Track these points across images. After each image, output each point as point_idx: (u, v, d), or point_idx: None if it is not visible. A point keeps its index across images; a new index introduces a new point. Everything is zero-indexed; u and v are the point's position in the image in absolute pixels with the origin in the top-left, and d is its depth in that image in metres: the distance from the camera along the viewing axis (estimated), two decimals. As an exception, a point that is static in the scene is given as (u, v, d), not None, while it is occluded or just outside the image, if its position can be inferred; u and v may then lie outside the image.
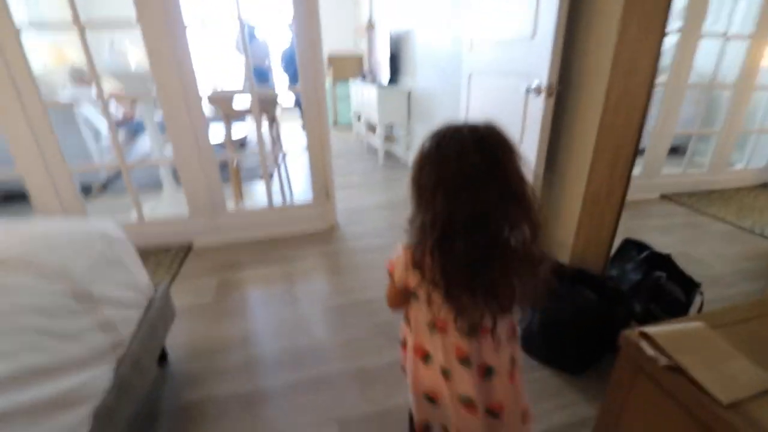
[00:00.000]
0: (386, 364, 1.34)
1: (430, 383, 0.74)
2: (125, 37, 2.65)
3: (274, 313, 1.63)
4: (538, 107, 1.51)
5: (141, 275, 1.20)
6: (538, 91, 1.48)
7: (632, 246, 1.62)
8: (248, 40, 5.15)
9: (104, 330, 0.91)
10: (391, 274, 0.73)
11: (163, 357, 1.38)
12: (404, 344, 0.80)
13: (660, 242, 1.62)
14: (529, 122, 1.58)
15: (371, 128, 4.38)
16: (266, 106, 2.43)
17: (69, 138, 2.99)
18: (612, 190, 1.35)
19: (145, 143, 3.49)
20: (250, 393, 1.25)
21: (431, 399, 0.75)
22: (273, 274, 1.93)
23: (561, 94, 1.50)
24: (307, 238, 2.31)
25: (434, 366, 0.72)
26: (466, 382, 0.70)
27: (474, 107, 2.08)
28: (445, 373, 0.71)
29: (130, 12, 1.77)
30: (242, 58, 1.98)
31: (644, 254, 1.54)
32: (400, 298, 0.75)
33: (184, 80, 1.92)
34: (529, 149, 1.60)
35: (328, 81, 5.80)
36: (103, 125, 3.38)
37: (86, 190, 3.16)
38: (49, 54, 4.17)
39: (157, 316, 1.21)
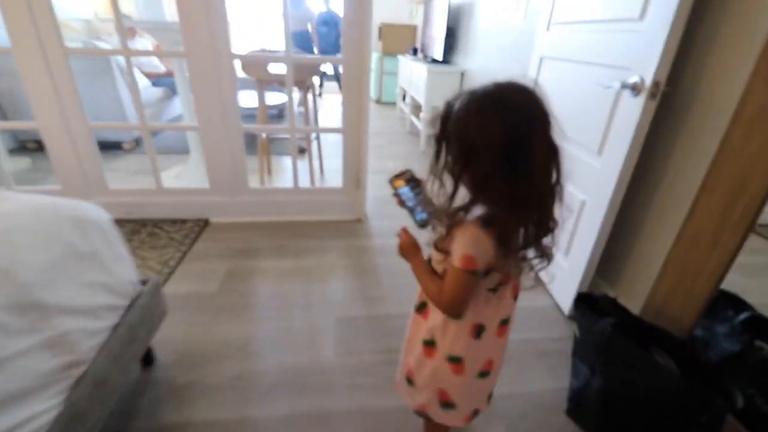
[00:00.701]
0: (395, 409, 1.12)
1: (486, 355, 0.77)
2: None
3: (280, 318, 1.44)
4: (632, 110, 1.16)
5: (123, 270, 1.02)
6: (636, 89, 1.14)
7: (726, 301, 1.27)
8: (294, 3, 4.95)
9: (54, 348, 0.74)
10: (472, 271, 0.63)
11: (149, 359, 1.23)
12: (431, 344, 0.76)
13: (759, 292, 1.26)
14: (617, 127, 1.24)
15: (416, 109, 4.05)
16: (304, 75, 2.18)
17: (105, 90, 2.92)
18: (721, 237, 1.01)
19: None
20: (237, 422, 1.07)
21: (485, 373, 0.78)
22: (287, 268, 1.74)
23: (667, 98, 1.15)
24: (332, 227, 2.10)
25: (489, 334, 0.74)
26: (506, 337, 0.80)
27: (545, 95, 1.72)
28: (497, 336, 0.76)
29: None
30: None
31: (743, 316, 1.20)
32: (473, 290, 0.67)
33: (215, 34, 1.69)
34: (610, 160, 1.27)
35: (376, 54, 5.44)
36: (139, 80, 3.29)
37: (116, 146, 3.11)
38: (101, 1, 4.11)
39: (140, 318, 1.03)
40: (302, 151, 2.84)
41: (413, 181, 0.78)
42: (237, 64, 1.84)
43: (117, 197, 2.02)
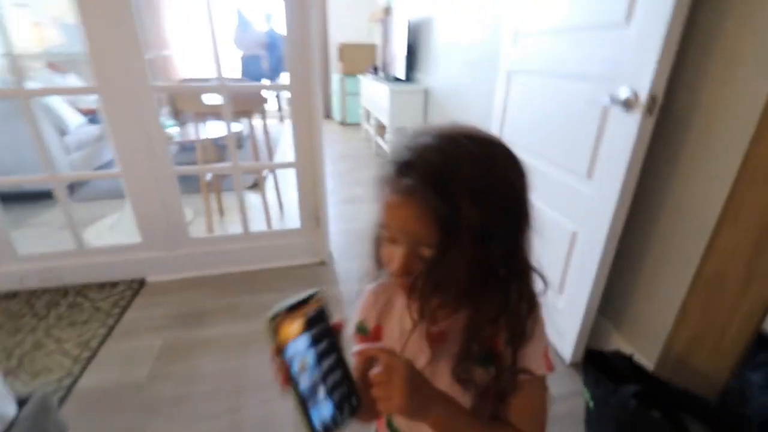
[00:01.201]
0: None
1: None
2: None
3: (226, 410, 1.15)
4: (626, 128, 0.98)
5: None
6: (628, 104, 0.96)
7: (758, 341, 1.09)
8: (240, 26, 4.74)
9: None
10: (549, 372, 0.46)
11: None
12: None
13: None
14: (608, 147, 1.06)
15: (381, 129, 3.87)
16: (249, 105, 1.94)
17: (26, 134, 2.56)
18: (755, 275, 0.82)
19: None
20: None
21: None
22: (238, 336, 1.45)
23: (663, 111, 0.97)
24: (292, 274, 1.83)
25: None
26: None
27: (517, 113, 1.55)
28: None
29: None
30: (229, 45, 1.47)
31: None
32: None
33: (130, 66, 1.43)
34: (604, 185, 1.08)
35: (336, 76, 5.28)
36: (72, 119, 2.95)
37: (47, 196, 2.74)
38: (30, 33, 3.73)
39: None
40: (255, 185, 2.57)
41: (318, 326, 0.39)
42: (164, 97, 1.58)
43: (29, 263, 1.68)
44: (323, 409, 0.38)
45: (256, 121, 2.13)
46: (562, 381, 1.24)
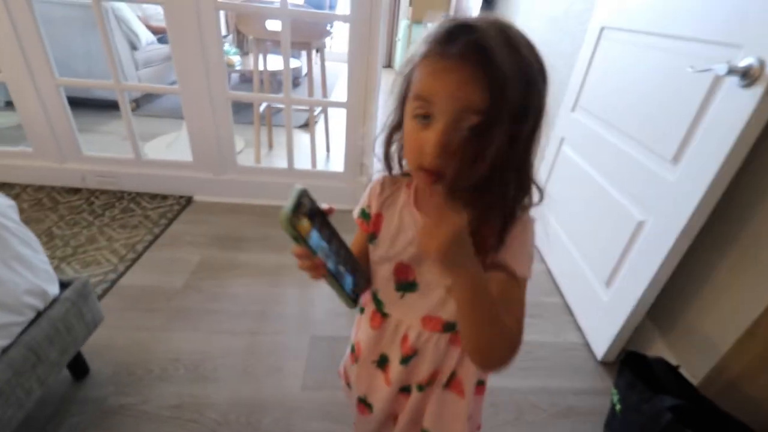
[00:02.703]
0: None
1: None
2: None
3: (246, 330, 1.20)
4: (738, 106, 0.81)
5: (18, 277, 0.78)
6: (748, 75, 0.78)
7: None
8: None
9: None
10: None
11: (81, 369, 1.01)
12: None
13: None
14: (708, 128, 0.89)
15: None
16: (309, 36, 1.86)
17: (99, 43, 2.65)
18: None
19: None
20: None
21: None
22: (268, 266, 1.48)
23: (793, 90, 0.79)
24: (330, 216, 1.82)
25: None
26: None
27: (600, 78, 1.36)
28: None
29: None
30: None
31: None
32: None
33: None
34: (692, 172, 0.92)
35: (405, 22, 4.97)
36: (144, 35, 3.02)
37: (116, 106, 2.89)
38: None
39: (47, 335, 0.80)
40: (306, 125, 2.54)
41: (318, 217, 0.44)
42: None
43: (91, 164, 1.80)
44: (347, 282, 0.46)
45: (316, 58, 2.06)
46: (589, 378, 1.17)
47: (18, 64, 1.53)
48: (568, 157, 1.50)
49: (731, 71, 0.80)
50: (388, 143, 0.49)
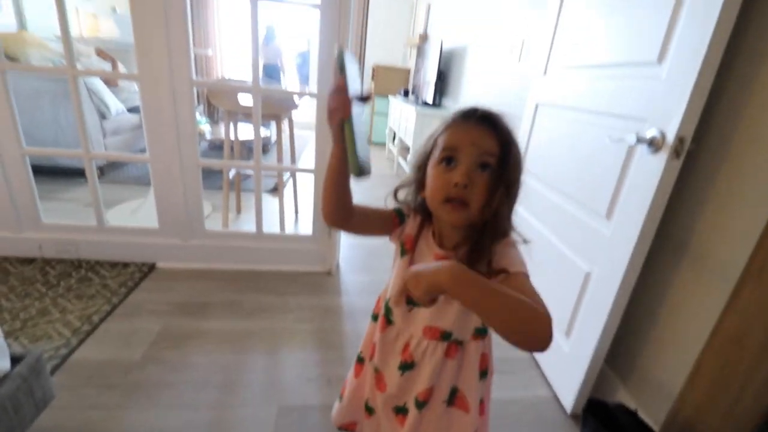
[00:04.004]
0: None
1: None
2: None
3: (208, 404, 1.13)
4: (651, 169, 0.96)
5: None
6: (654, 144, 0.94)
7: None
8: (265, 39, 5.12)
9: None
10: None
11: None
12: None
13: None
14: (630, 188, 1.03)
15: (404, 150, 3.91)
16: (277, 109, 2.00)
17: (69, 113, 2.68)
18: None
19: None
20: None
21: None
22: (235, 332, 1.44)
23: (691, 156, 0.95)
24: (297, 280, 1.83)
25: None
26: None
27: (540, 145, 1.54)
28: None
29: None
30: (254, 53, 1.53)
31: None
32: None
33: (174, 58, 1.50)
34: (623, 226, 1.04)
35: (369, 93, 5.39)
36: (113, 105, 3.10)
37: (80, 173, 2.86)
38: (86, 22, 3.99)
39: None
40: (275, 189, 2.61)
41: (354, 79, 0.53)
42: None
43: (50, 233, 1.74)
44: (360, 151, 0.51)
45: (284, 127, 2.19)
46: (560, 430, 1.18)
47: (-17, 135, 1.54)
48: (522, 218, 1.63)
49: (639, 140, 0.96)
50: (421, 169, 0.63)
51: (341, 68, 0.49)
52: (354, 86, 0.50)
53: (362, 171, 0.50)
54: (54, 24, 1.50)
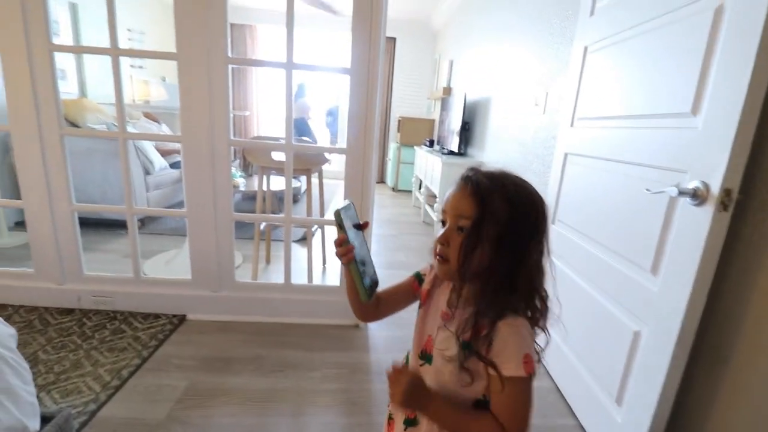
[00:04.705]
0: None
1: None
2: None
3: (232, 468, 1.08)
4: (697, 222, 0.90)
5: (7, 407, 0.74)
6: (698, 196, 0.89)
7: None
8: (296, 95, 5.46)
9: None
10: (532, 374, 0.55)
11: None
12: None
13: None
14: (676, 241, 0.97)
15: (431, 198, 3.93)
16: (309, 164, 2.08)
17: (118, 171, 2.90)
18: None
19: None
20: None
21: None
22: (258, 391, 1.40)
23: (740, 206, 0.89)
24: (325, 334, 1.79)
25: None
26: None
27: (572, 194, 1.51)
28: None
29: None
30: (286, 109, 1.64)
31: None
32: None
33: (215, 121, 1.61)
34: (673, 283, 0.97)
35: (394, 145, 5.59)
36: (157, 161, 3.33)
37: (122, 226, 3.02)
38: (138, 88, 4.43)
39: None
40: (304, 239, 2.65)
41: (354, 221, 0.64)
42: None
43: (90, 284, 1.81)
44: (366, 278, 0.63)
45: (314, 179, 2.27)
46: None
47: (41, 190, 1.67)
48: (557, 268, 1.56)
49: (682, 193, 0.92)
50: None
51: (340, 226, 0.60)
52: (351, 234, 0.61)
53: (369, 297, 0.64)
54: (110, 91, 1.66)
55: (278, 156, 2.02)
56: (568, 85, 1.58)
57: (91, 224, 2.74)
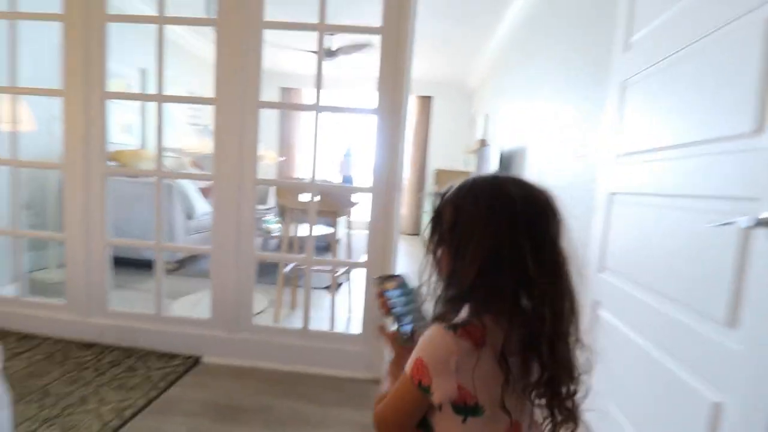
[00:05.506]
0: None
1: None
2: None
3: None
4: (783, 261, 0.73)
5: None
6: (780, 229, 0.73)
7: None
8: (345, 156, 5.65)
9: None
10: (420, 383, 0.51)
11: None
12: None
13: None
14: (755, 288, 0.79)
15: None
16: (336, 206, 2.06)
17: (161, 212, 3.05)
18: None
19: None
20: None
21: None
22: (262, 444, 1.25)
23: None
24: (341, 387, 1.63)
25: None
26: None
27: (621, 238, 1.33)
28: None
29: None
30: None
31: None
32: (416, 420, 0.55)
33: (244, 161, 1.66)
34: (755, 343, 0.77)
35: (431, 198, 5.57)
36: (200, 207, 3.49)
37: (160, 267, 3.12)
38: (191, 139, 4.80)
39: None
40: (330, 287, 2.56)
41: (405, 288, 0.70)
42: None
43: (114, 319, 1.81)
44: (405, 326, 0.64)
45: (343, 225, 2.24)
46: None
47: (80, 225, 1.75)
48: (608, 323, 1.35)
49: (760, 223, 0.75)
50: None
51: (377, 294, 0.69)
52: (394, 293, 0.68)
53: (406, 341, 0.64)
54: (167, 142, 1.78)
55: (305, 198, 2.02)
56: (606, 123, 1.48)
57: (132, 264, 2.85)
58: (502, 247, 0.50)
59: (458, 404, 0.50)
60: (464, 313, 0.55)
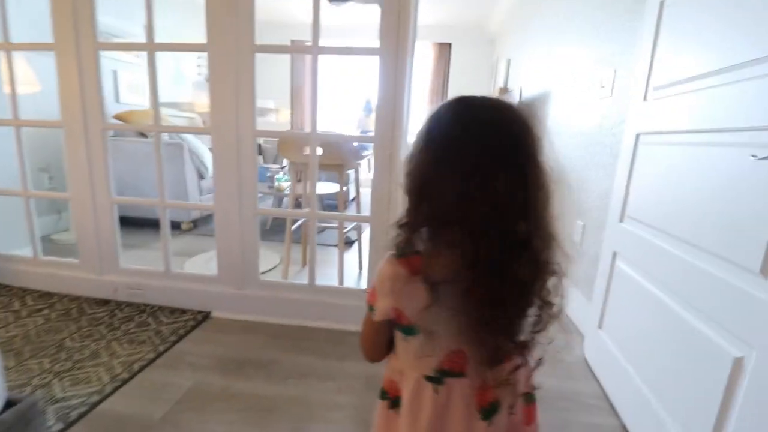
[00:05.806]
0: None
1: None
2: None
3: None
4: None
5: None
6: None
7: None
8: (365, 110, 5.38)
9: None
10: (370, 306, 0.57)
11: None
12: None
13: None
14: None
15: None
16: (341, 159, 1.97)
17: (173, 172, 3.02)
18: None
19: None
20: None
21: None
22: (264, 398, 1.27)
23: None
24: (346, 341, 1.62)
25: None
26: None
27: (647, 184, 1.20)
28: None
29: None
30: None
31: None
32: (384, 338, 0.61)
33: (240, 112, 1.57)
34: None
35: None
36: (211, 164, 3.46)
37: (176, 227, 3.15)
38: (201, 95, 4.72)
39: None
40: (348, 243, 2.53)
41: None
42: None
43: (125, 276, 1.84)
44: None
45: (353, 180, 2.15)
46: None
47: (84, 183, 1.73)
48: (626, 275, 1.25)
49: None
50: None
51: None
52: None
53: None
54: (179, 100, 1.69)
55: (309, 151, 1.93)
56: (639, 54, 1.29)
57: (147, 224, 2.88)
58: (439, 175, 0.49)
59: (397, 323, 0.56)
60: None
